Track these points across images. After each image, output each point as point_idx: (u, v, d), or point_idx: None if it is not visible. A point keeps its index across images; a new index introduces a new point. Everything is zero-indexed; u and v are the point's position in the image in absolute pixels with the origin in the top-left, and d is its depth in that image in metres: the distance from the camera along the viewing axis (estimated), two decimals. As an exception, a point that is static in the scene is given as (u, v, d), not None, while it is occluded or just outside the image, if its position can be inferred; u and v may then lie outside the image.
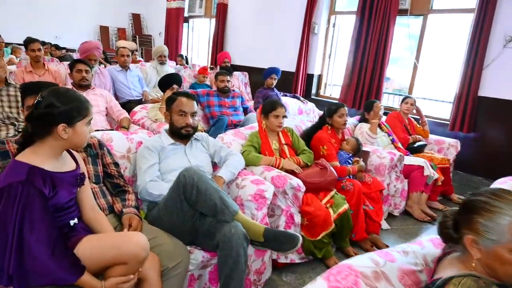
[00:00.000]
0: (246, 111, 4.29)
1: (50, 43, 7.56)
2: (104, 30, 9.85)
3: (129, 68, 4.55)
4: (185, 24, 9.21)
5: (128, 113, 3.56)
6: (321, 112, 5.42)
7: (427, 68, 5.18)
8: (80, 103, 1.32)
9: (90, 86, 3.30)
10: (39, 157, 1.27)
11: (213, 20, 8.32)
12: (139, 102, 4.50)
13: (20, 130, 2.81)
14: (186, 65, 7.05)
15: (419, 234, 3.09)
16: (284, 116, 2.64)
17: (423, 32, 4.95)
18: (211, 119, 4.06)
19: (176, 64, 7.13)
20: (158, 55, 4.96)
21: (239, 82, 5.92)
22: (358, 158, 2.92)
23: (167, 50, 4.99)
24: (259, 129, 2.69)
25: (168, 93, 3.63)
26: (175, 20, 9.06)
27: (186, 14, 9.05)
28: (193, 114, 2.16)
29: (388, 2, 4.91)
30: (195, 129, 2.19)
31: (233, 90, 4.28)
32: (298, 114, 5.13)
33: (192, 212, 1.70)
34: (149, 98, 4.62)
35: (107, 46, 9.80)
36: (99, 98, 3.31)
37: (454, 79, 4.75)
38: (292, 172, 2.42)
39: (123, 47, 4.51)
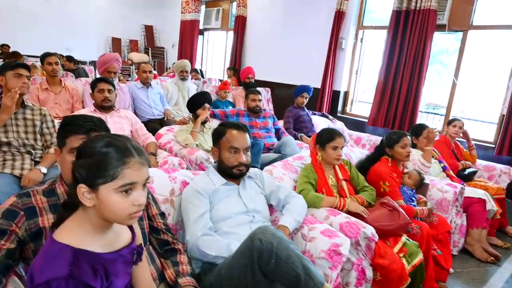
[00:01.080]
0: (277, 132, 3.94)
1: (62, 55, 7.27)
2: (116, 42, 9.59)
3: (150, 85, 4.23)
4: (199, 37, 8.94)
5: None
6: (351, 132, 5.13)
7: (467, 86, 4.84)
8: (105, 158, 0.91)
9: (114, 107, 2.97)
10: (83, 231, 0.92)
11: (230, 33, 8.05)
12: (161, 121, 4.17)
13: (37, 159, 2.47)
14: (203, 79, 6.72)
15: (488, 279, 2.70)
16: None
17: (462, 48, 4.63)
18: (240, 142, 3.72)
19: (191, 79, 6.83)
20: (179, 70, 4.64)
21: (262, 98, 5.58)
22: (423, 197, 2.55)
23: (189, 65, 4.68)
24: (312, 161, 2.33)
25: (201, 113, 3.31)
26: (189, 33, 8.79)
27: (201, 27, 8.78)
28: (247, 150, 1.82)
29: (425, 17, 4.60)
30: (248, 167, 1.84)
31: (264, 110, 3.94)
32: (328, 134, 4.78)
33: (266, 284, 1.34)
34: (172, 117, 4.29)
35: (119, 59, 9.53)
36: (123, 121, 2.98)
37: (499, 99, 4.42)
38: (357, 215, 2.06)
39: (145, 63, 4.20)
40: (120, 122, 2.94)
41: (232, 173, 1.79)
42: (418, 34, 4.66)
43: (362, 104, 6.31)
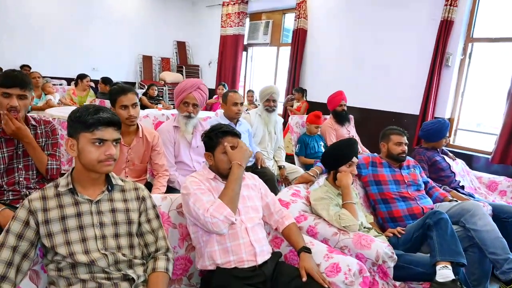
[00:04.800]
0: (425, 187, 2.79)
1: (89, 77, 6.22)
2: (146, 60, 8.56)
3: (238, 120, 3.12)
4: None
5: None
6: (479, 174, 3.91)
7: None
8: None
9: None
10: None
11: (283, 49, 7.01)
12: (253, 169, 3.05)
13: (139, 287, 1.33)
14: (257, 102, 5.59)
15: None
16: None
17: None
18: (383, 204, 2.58)
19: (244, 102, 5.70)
20: (265, 99, 3.52)
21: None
22: None
23: (278, 91, 3.56)
24: None
25: (347, 171, 2.20)
26: (231, 49, 7.75)
27: (245, 42, 7.74)
28: None
29: None
30: None
31: (407, 157, 2.79)
32: (453, 178, 3.62)
33: None
34: (266, 165, 3.16)
35: (150, 78, 8.49)
36: (253, 193, 1.84)
37: None
38: None
39: (233, 91, 3.08)
40: (250, 197, 1.81)
41: None
42: None
43: (464, 132, 5.17)
